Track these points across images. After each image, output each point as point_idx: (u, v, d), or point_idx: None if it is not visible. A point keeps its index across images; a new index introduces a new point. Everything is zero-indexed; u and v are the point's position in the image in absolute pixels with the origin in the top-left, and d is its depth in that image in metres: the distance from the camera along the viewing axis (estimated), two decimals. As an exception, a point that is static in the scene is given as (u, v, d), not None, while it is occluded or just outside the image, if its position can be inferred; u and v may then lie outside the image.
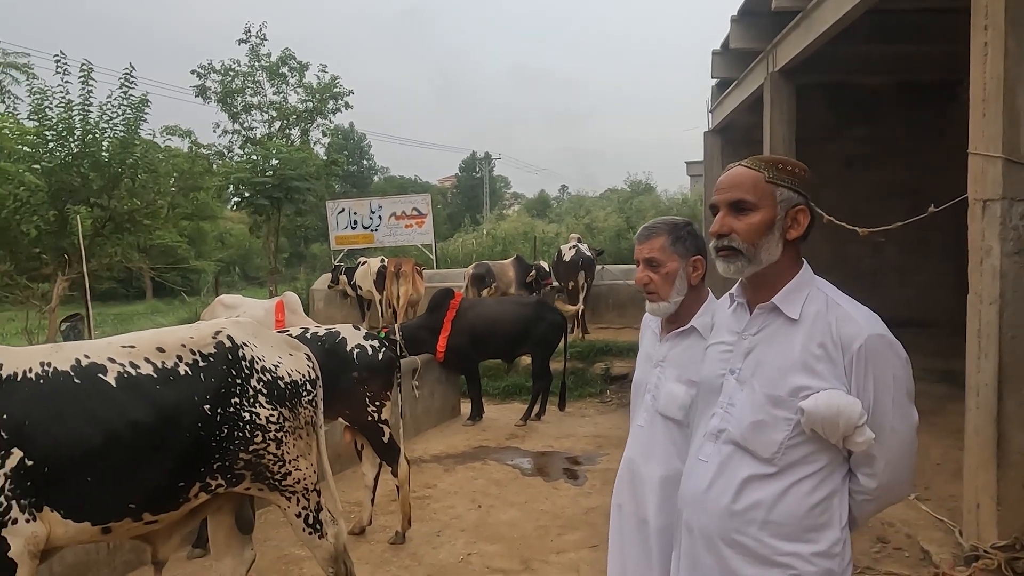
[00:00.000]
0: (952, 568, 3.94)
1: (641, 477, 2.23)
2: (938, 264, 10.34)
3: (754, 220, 1.71)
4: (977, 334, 3.96)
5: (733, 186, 1.75)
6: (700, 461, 1.81)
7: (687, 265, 2.21)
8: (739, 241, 1.72)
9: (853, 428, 1.59)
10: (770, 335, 1.74)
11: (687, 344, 2.21)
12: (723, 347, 1.85)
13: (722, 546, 1.72)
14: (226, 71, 20.33)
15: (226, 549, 3.08)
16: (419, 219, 16.00)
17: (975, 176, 3.96)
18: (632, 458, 2.29)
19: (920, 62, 9.10)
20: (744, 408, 1.73)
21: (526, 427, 7.66)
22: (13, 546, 2.36)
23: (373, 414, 4.58)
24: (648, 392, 2.27)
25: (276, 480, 2.89)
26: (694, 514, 1.80)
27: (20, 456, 2.37)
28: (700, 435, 1.85)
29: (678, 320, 2.24)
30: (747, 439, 1.71)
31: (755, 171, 1.74)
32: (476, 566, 4.28)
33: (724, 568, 1.72)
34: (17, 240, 11.25)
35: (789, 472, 1.67)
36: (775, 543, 1.66)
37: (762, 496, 1.68)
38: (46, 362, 2.52)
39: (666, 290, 2.20)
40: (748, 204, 1.72)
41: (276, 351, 2.96)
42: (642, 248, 2.24)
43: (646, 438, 2.25)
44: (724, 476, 1.74)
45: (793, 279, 1.74)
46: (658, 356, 2.28)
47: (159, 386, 2.62)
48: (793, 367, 1.67)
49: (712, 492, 1.75)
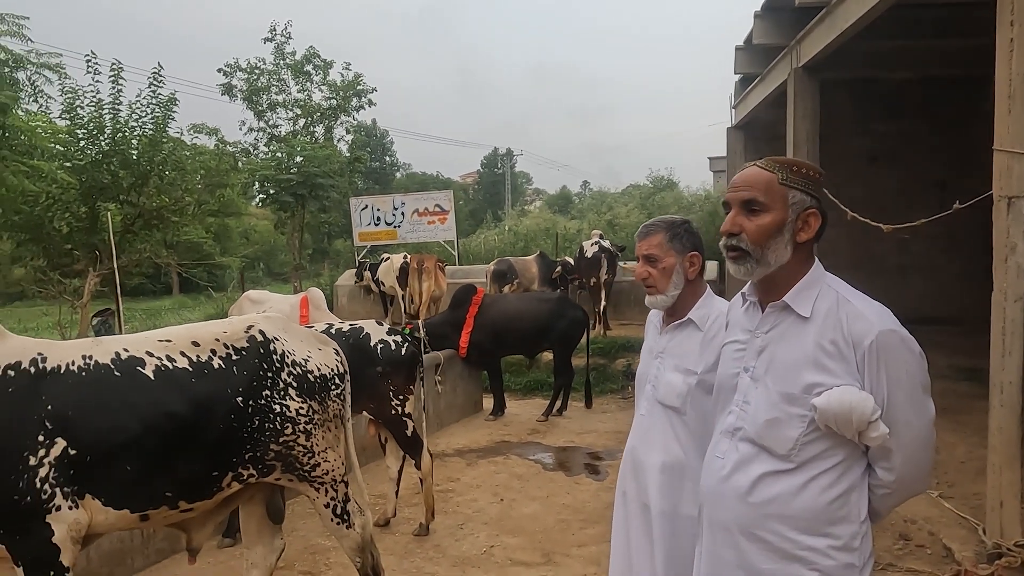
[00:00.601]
0: (975, 565, 3.93)
1: (642, 464, 2.34)
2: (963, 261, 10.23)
3: (764, 221, 1.73)
4: (1002, 331, 3.94)
5: (746, 185, 1.77)
6: (716, 458, 1.85)
7: (684, 260, 2.33)
8: (747, 242, 1.74)
9: (867, 423, 1.62)
10: (782, 333, 1.76)
11: (684, 335, 2.34)
12: (737, 346, 1.88)
13: (742, 540, 1.76)
14: (252, 69, 20.57)
15: (257, 538, 3.17)
16: (441, 215, 16.07)
17: (1000, 173, 3.94)
18: (634, 446, 2.40)
19: (945, 57, 9.00)
20: (759, 406, 1.75)
21: (548, 422, 7.72)
22: (57, 532, 2.46)
23: (397, 408, 4.67)
24: (649, 382, 2.38)
25: (305, 471, 2.97)
26: (713, 509, 1.84)
27: (64, 445, 2.47)
28: (717, 432, 1.89)
29: (676, 313, 2.36)
30: (762, 436, 1.74)
31: (769, 172, 1.75)
32: (499, 558, 4.34)
33: (744, 562, 1.75)
34: (50, 236, 11.51)
35: (806, 468, 1.70)
36: (794, 536, 1.69)
37: (780, 491, 1.71)
38: (87, 355, 2.62)
39: (664, 284, 2.32)
40: (760, 205, 1.74)
41: (306, 346, 3.04)
42: (642, 245, 2.37)
43: (647, 426, 2.36)
44: (741, 472, 1.77)
45: (804, 277, 1.76)
46: (658, 348, 2.40)
47: (194, 379, 2.71)
48: (806, 364, 1.69)
49: (728, 487, 1.79)
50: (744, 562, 1.75)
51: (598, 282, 11.31)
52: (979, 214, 4.62)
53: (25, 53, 9.28)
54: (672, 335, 2.36)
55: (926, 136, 11.10)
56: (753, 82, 10.51)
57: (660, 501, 2.26)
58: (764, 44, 9.26)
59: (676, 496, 2.24)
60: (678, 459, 2.25)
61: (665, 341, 2.38)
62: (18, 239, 11.67)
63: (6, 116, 8.42)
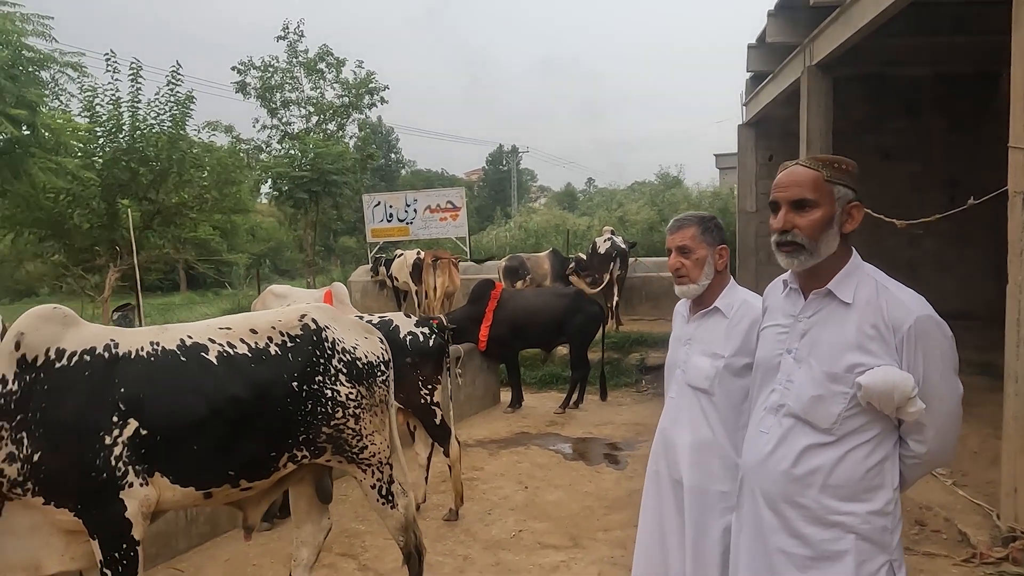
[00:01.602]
0: (989, 549, 4.07)
1: (673, 443, 2.48)
2: (974, 256, 10.32)
3: (816, 216, 1.88)
4: (1016, 323, 4.08)
5: (794, 184, 1.91)
6: (761, 433, 2.00)
7: (714, 253, 2.47)
8: (801, 236, 1.89)
9: (906, 400, 1.78)
10: (825, 317, 1.92)
11: (712, 323, 2.48)
12: (779, 329, 2.03)
13: (785, 507, 1.91)
14: (265, 67, 20.74)
15: (307, 517, 3.33)
16: (453, 212, 16.22)
17: (1015, 169, 4.06)
18: (665, 427, 2.55)
19: (959, 53, 9.08)
20: (803, 384, 1.91)
21: (565, 415, 7.87)
22: (129, 507, 2.62)
23: (426, 397, 4.82)
24: (678, 367, 2.53)
25: (354, 453, 3.13)
26: (757, 480, 1.99)
27: (136, 426, 2.63)
28: (760, 409, 2.04)
29: (704, 302, 2.51)
30: (807, 412, 1.89)
31: (814, 171, 1.90)
32: (528, 542, 4.50)
33: (787, 527, 1.91)
34: (70, 232, 11.71)
35: (846, 440, 1.86)
36: (834, 504, 1.85)
37: (821, 462, 1.87)
38: (155, 342, 2.77)
39: (696, 274, 2.46)
40: (810, 202, 1.88)
41: (354, 334, 3.20)
42: (675, 237, 2.51)
43: (676, 408, 2.51)
44: (784, 445, 1.93)
45: (845, 266, 1.92)
46: (686, 335, 2.55)
47: (253, 364, 2.87)
48: (848, 346, 1.85)
49: (773, 459, 1.94)
50: (788, 527, 1.91)
51: (611, 278, 11.45)
52: (990, 210, 4.73)
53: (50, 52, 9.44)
54: (700, 323, 2.51)
55: (939, 132, 11.18)
56: (764, 80, 10.61)
57: (691, 476, 2.40)
58: (777, 42, 9.36)
59: (705, 472, 2.38)
60: (707, 438, 2.39)
61: (693, 329, 2.53)
62: (40, 235, 11.87)
63: (35, 114, 8.60)
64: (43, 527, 2.62)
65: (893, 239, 8.34)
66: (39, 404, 2.53)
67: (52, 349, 2.59)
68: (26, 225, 11.51)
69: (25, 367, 2.54)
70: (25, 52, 8.82)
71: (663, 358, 2.59)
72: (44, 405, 2.53)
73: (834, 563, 1.85)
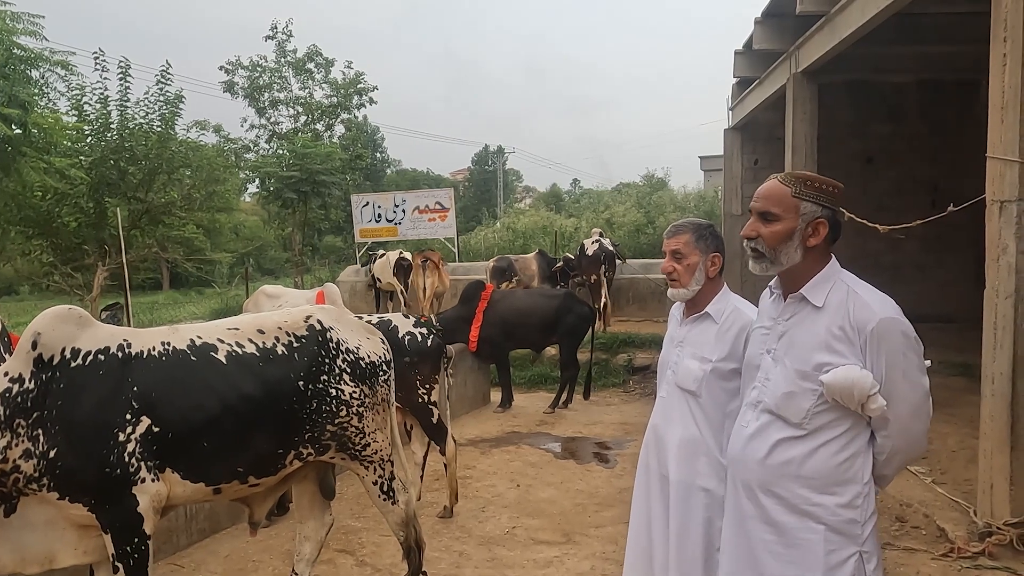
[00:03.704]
0: (967, 543, 4.21)
1: (663, 439, 2.58)
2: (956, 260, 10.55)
3: (776, 229, 2.04)
4: (993, 326, 4.23)
5: (764, 198, 2.08)
6: (741, 426, 2.17)
7: (707, 260, 2.55)
8: (763, 245, 2.06)
9: (866, 396, 1.91)
10: (800, 320, 2.07)
11: (703, 327, 2.56)
12: (763, 330, 2.20)
13: (761, 496, 2.06)
14: (254, 67, 20.72)
15: (309, 513, 3.42)
16: (442, 213, 16.31)
17: (993, 178, 4.22)
18: (656, 424, 2.65)
19: (942, 61, 9.29)
20: (778, 381, 2.07)
21: (555, 414, 7.99)
22: (141, 502, 2.70)
23: (423, 396, 4.92)
24: (669, 368, 2.62)
25: (357, 450, 3.22)
26: (738, 470, 2.15)
27: (148, 423, 2.71)
28: (744, 404, 2.21)
29: (696, 306, 2.59)
30: (780, 407, 2.05)
31: (785, 186, 2.06)
32: (522, 538, 4.60)
33: (763, 515, 2.06)
34: (58, 231, 11.67)
35: (817, 435, 2.00)
36: (806, 494, 1.99)
37: (794, 454, 2.02)
38: (166, 342, 2.86)
39: (687, 278, 2.55)
40: (773, 215, 2.04)
41: (357, 335, 3.29)
42: (670, 242, 2.59)
43: (666, 407, 2.60)
44: (760, 437, 2.08)
45: (820, 272, 2.07)
46: (678, 337, 2.63)
47: (262, 363, 2.96)
48: (818, 346, 2.00)
49: (749, 451, 2.10)
50: (764, 515, 2.05)
51: (599, 279, 11.59)
52: (969, 216, 4.88)
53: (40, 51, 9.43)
54: (691, 326, 2.60)
55: (920, 138, 11.42)
56: (751, 85, 10.79)
57: (678, 471, 2.50)
58: (764, 49, 9.53)
59: (691, 469, 2.47)
60: (694, 436, 2.48)
61: (685, 331, 2.62)
62: (27, 233, 11.82)
63: (28, 114, 8.60)
64: (58, 521, 2.70)
65: (875, 243, 8.51)
66: (55, 402, 2.60)
67: (68, 348, 2.66)
68: (14, 223, 11.47)
69: (42, 366, 2.61)
70: (16, 51, 8.81)
71: (650, 359, 2.73)
72: (60, 403, 2.61)
73: (804, 551, 1.98)
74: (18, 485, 2.59)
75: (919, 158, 11.26)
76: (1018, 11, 4.01)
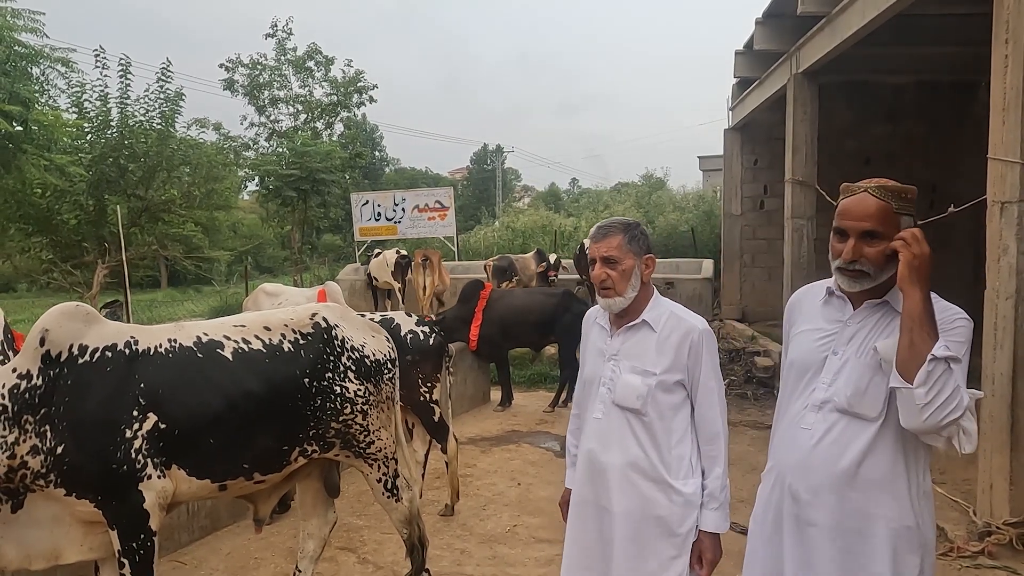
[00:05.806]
0: (966, 543, 4.24)
1: (601, 466, 2.32)
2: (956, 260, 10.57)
3: (883, 247, 1.94)
4: (994, 327, 4.25)
5: (869, 217, 1.96)
6: (803, 429, 2.04)
7: (640, 263, 2.31)
8: (868, 266, 1.96)
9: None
10: (878, 321, 2.01)
11: (639, 337, 2.32)
12: (820, 333, 2.09)
13: (832, 501, 1.96)
14: (254, 65, 20.71)
15: (313, 510, 3.43)
16: (441, 212, 16.32)
17: (994, 180, 4.24)
18: (592, 449, 2.36)
19: (942, 62, 9.32)
20: (850, 378, 1.99)
21: (554, 413, 7.99)
22: (147, 498, 2.71)
23: (425, 394, 4.93)
24: (603, 385, 2.34)
25: (361, 448, 3.23)
26: (800, 477, 2.02)
27: (155, 420, 2.72)
28: (799, 407, 2.07)
29: (629, 315, 2.33)
30: (854, 404, 1.97)
31: (884, 202, 1.95)
32: (523, 536, 4.62)
33: (836, 524, 1.96)
34: (57, 228, 11.67)
35: (888, 428, 1.93)
36: (876, 495, 1.93)
37: (866, 453, 1.94)
38: (173, 339, 2.86)
39: (623, 286, 2.28)
40: (879, 234, 1.94)
41: (362, 333, 3.30)
42: (599, 246, 2.31)
43: (603, 429, 2.33)
44: (830, 439, 1.99)
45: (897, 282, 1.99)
46: (611, 350, 2.36)
47: (268, 360, 2.97)
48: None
49: (818, 454, 1.99)
50: (837, 524, 1.96)
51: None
52: (968, 217, 4.92)
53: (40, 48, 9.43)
54: (625, 337, 2.34)
55: (920, 139, 11.45)
56: (751, 85, 10.81)
57: (621, 501, 2.27)
58: (764, 49, 9.56)
59: (639, 496, 2.26)
60: (639, 459, 2.26)
61: (618, 343, 2.35)
62: (27, 230, 11.82)
63: (29, 111, 8.59)
64: (64, 518, 2.70)
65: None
66: (62, 398, 2.61)
67: (75, 345, 2.67)
68: (13, 220, 11.47)
69: (49, 362, 2.62)
70: (17, 48, 8.81)
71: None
72: (67, 399, 2.61)
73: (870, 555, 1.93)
74: (25, 481, 2.60)
75: (918, 159, 11.29)
76: (1019, 13, 4.04)
